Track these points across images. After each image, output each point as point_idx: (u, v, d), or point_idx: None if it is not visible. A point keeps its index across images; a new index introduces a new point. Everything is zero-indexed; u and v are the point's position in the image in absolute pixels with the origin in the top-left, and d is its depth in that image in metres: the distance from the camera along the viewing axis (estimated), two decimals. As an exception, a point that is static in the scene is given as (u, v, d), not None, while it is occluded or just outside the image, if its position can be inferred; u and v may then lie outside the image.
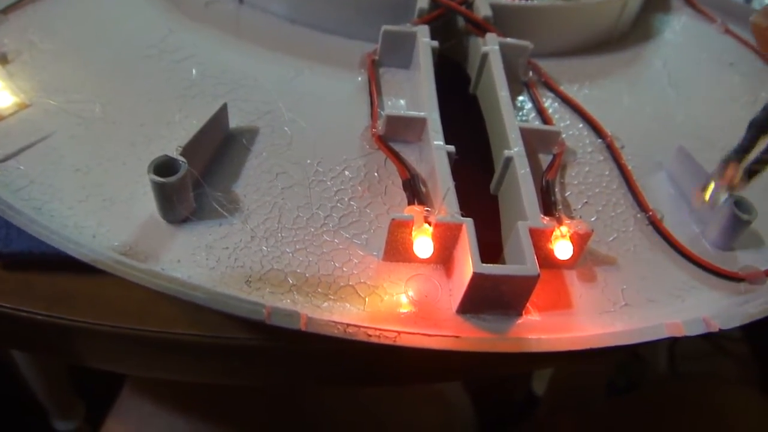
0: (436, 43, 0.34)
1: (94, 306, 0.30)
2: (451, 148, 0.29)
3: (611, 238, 0.31)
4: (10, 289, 0.30)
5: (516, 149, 0.30)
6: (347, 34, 0.39)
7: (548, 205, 0.29)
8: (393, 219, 0.26)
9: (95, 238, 0.27)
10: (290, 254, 0.28)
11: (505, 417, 0.72)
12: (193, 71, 0.34)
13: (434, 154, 0.29)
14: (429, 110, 0.30)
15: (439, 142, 0.29)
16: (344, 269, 0.27)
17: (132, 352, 0.32)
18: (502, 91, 0.32)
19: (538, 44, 0.39)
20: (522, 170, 0.29)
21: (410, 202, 0.28)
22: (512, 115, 0.31)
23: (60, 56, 0.36)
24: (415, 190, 0.28)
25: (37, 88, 0.34)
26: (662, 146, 0.35)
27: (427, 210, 0.27)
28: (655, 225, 0.31)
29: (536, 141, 0.32)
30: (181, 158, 0.27)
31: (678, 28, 0.48)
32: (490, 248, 0.28)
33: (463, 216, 0.26)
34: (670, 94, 0.40)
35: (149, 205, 0.28)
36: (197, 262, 0.27)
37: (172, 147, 0.30)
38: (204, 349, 0.30)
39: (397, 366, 0.30)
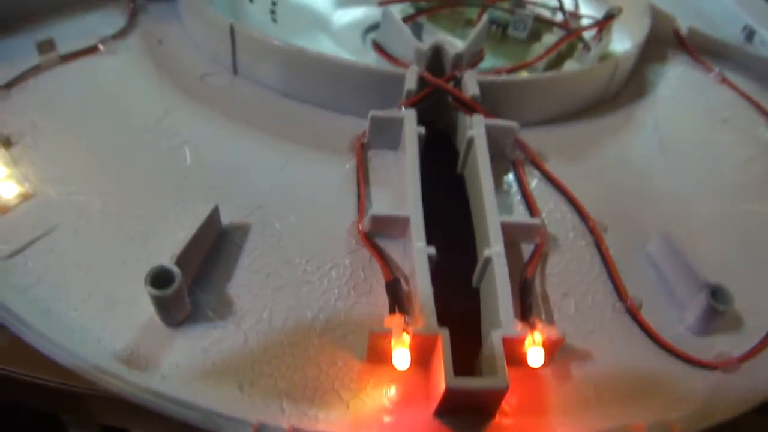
0: (423, 130, 0.36)
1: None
2: (432, 250, 0.31)
3: (588, 330, 0.33)
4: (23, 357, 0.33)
5: (496, 248, 0.31)
6: (339, 110, 0.40)
7: (525, 308, 0.31)
8: (372, 332, 0.28)
9: (100, 342, 0.30)
10: (279, 357, 0.30)
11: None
12: (188, 159, 0.36)
13: (415, 258, 0.31)
14: (413, 209, 0.32)
15: (421, 243, 0.31)
16: (329, 372, 0.30)
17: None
18: (486, 183, 0.34)
19: (528, 114, 0.40)
20: (500, 272, 0.31)
21: (391, 309, 0.30)
22: (494, 211, 0.33)
23: (60, 138, 0.39)
24: (396, 295, 0.31)
25: (39, 176, 0.37)
26: (647, 227, 0.37)
27: (406, 320, 0.29)
28: (633, 314, 0.33)
29: (518, 233, 0.34)
30: (175, 268, 0.30)
31: (673, 82, 0.48)
32: (475, 338, 0.31)
33: (448, 315, 0.28)
34: (660, 163, 0.41)
35: (148, 306, 0.31)
36: (194, 366, 0.30)
37: (168, 244, 0.33)
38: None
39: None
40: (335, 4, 0.57)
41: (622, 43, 0.51)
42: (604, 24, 0.43)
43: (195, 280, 0.32)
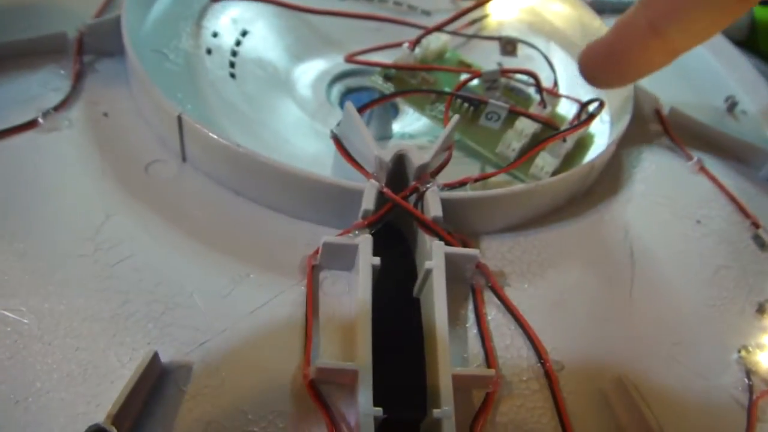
0: (377, 260, 0.34)
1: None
2: (379, 411, 0.31)
3: (531, 483, 0.33)
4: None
5: (446, 409, 0.31)
6: (293, 214, 0.39)
7: (470, 471, 0.31)
8: None
9: (34, 494, 0.30)
10: None
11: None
12: (127, 281, 0.35)
13: (360, 419, 0.30)
14: (361, 362, 0.32)
15: (368, 406, 0.31)
16: None
17: None
18: (441, 329, 0.33)
19: (494, 223, 0.39)
20: (448, 436, 0.30)
21: (333, 472, 0.30)
22: (447, 362, 0.32)
23: (-2, 243, 0.37)
24: (339, 456, 0.30)
25: (-28, 285, 0.35)
26: (605, 361, 0.37)
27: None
28: (578, 465, 0.34)
29: (471, 383, 0.33)
30: (112, 429, 0.29)
31: (650, 171, 0.47)
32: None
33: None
34: (626, 284, 0.40)
35: (86, 453, 0.30)
36: None
37: (106, 382, 0.33)
38: None
39: None
40: (293, 59, 0.53)
41: (601, 121, 0.49)
42: (583, 126, 0.41)
43: (134, 427, 0.31)
